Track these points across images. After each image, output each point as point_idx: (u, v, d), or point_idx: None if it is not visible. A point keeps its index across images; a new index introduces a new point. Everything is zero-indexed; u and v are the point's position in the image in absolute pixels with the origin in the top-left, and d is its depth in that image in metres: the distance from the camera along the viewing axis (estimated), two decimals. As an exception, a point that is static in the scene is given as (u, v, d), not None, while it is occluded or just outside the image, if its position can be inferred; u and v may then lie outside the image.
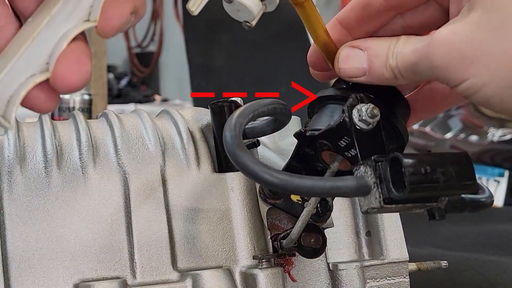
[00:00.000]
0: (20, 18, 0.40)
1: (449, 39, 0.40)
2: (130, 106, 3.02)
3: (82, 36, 0.39)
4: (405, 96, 0.47)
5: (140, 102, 3.56)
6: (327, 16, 0.47)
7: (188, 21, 1.89)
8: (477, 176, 0.41)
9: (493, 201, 0.45)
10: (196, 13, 0.40)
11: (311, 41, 0.46)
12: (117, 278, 0.49)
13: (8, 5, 0.39)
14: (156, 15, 4.46)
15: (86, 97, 1.61)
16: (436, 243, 0.99)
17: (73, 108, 1.60)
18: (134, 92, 3.92)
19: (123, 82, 4.08)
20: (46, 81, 0.38)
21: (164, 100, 3.72)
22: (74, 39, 0.38)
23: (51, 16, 0.38)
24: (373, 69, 0.43)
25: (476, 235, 1.04)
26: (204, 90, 1.78)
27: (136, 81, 4.26)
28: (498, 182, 1.53)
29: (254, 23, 0.42)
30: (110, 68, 3.60)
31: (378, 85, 0.44)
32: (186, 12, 1.89)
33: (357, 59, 0.44)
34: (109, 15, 0.38)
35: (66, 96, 1.60)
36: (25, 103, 0.38)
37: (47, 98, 0.38)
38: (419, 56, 0.41)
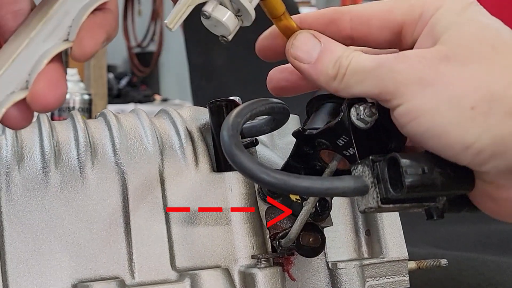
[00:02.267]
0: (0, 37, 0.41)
1: (417, 59, 0.39)
2: (130, 106, 3.02)
3: (59, 57, 0.40)
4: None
5: (140, 102, 3.56)
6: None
7: (188, 21, 1.88)
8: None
9: None
10: (174, 29, 0.41)
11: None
12: (116, 278, 0.48)
13: None
14: (156, 15, 4.47)
15: (86, 97, 1.61)
16: (436, 243, 0.99)
17: (73, 108, 1.60)
18: (134, 92, 3.92)
19: (123, 82, 4.08)
20: (23, 99, 0.38)
21: (164, 100, 3.72)
22: (52, 60, 0.39)
23: (31, 38, 0.38)
24: (320, 61, 0.42)
25: (476, 235, 1.04)
26: (204, 90, 1.77)
27: (136, 81, 4.26)
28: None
29: (230, 37, 0.43)
30: (110, 68, 3.61)
31: None
32: (185, 12, 1.89)
33: (310, 46, 0.43)
34: (84, 43, 0.39)
35: (66, 96, 1.60)
36: (1, 121, 0.39)
37: (22, 116, 0.39)
38: (378, 63, 0.40)
